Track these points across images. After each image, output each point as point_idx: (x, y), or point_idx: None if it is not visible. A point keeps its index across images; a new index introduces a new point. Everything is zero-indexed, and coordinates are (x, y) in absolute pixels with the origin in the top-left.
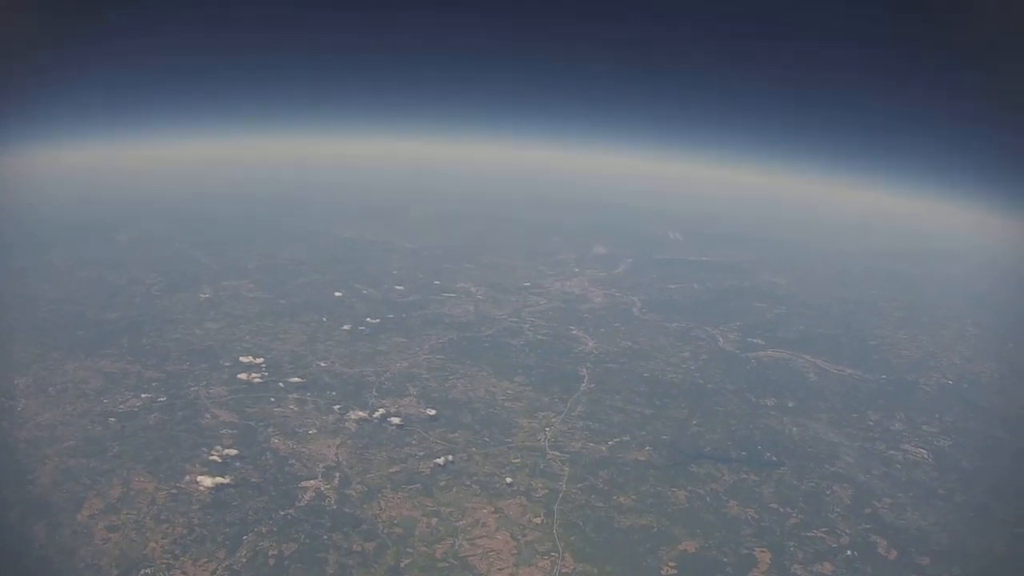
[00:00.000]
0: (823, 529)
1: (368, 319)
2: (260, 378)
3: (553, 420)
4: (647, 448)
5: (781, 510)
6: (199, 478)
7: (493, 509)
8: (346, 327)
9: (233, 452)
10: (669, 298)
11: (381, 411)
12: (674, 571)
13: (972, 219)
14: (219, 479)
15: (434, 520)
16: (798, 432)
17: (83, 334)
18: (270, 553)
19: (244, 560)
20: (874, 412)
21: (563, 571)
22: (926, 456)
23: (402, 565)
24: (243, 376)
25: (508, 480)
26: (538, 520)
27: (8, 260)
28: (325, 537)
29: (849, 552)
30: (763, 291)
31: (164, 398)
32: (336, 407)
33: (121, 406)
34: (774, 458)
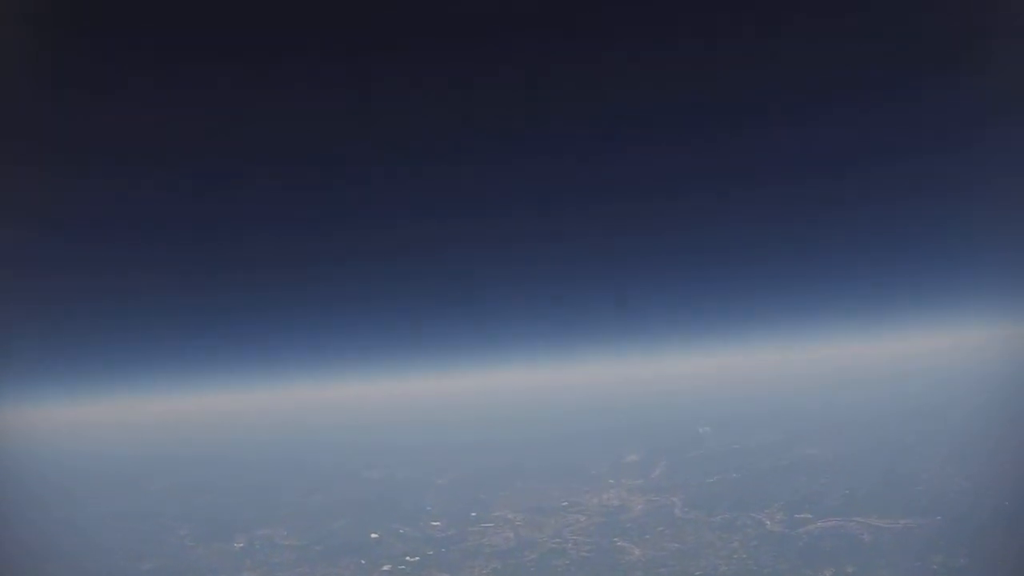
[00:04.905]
0: None
1: (407, 557)
2: None
3: None
4: None
5: None
6: None
7: None
8: (386, 568)
9: None
10: (709, 492)
11: None
12: None
13: (982, 335)
14: None
15: None
16: None
17: None
18: None
19: None
20: (936, 555)
21: None
22: None
23: None
24: None
25: None
26: None
27: (35, 516)
28: None
29: None
30: (801, 465)
31: None
32: None
33: None
34: None
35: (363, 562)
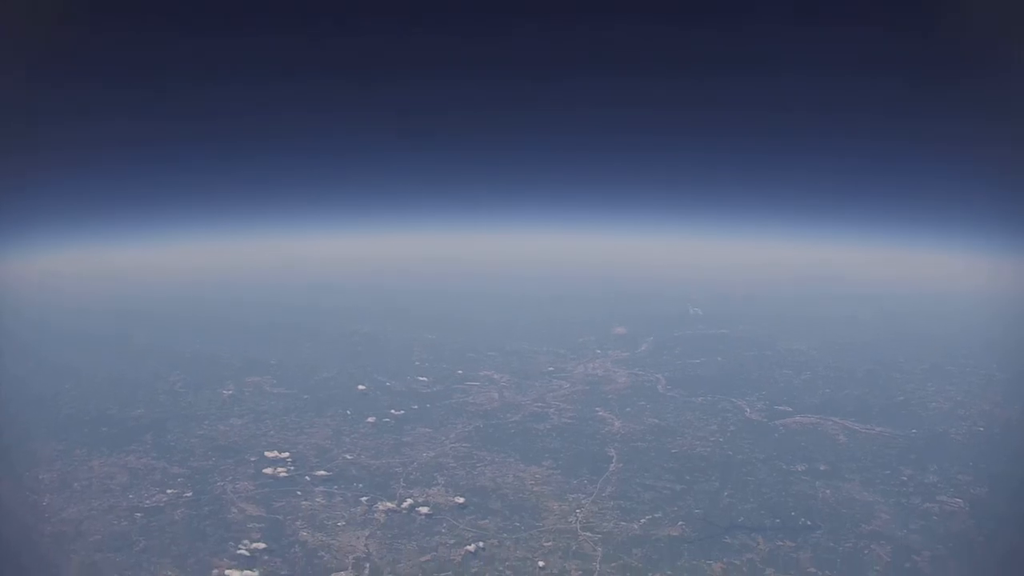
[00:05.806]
0: None
1: (392, 411)
2: (286, 472)
3: (583, 501)
4: (680, 523)
5: (819, 573)
6: (227, 572)
7: None
8: (371, 419)
9: (261, 546)
10: (693, 373)
11: (409, 501)
12: None
13: (981, 265)
14: (248, 572)
15: None
16: (832, 495)
17: (107, 431)
18: None
19: None
20: (907, 467)
21: None
22: (962, 505)
23: None
24: (269, 471)
25: (540, 564)
26: None
27: (30, 360)
28: None
29: None
30: (786, 359)
31: (190, 493)
32: (364, 499)
33: (147, 501)
34: (809, 523)
35: (349, 413)
